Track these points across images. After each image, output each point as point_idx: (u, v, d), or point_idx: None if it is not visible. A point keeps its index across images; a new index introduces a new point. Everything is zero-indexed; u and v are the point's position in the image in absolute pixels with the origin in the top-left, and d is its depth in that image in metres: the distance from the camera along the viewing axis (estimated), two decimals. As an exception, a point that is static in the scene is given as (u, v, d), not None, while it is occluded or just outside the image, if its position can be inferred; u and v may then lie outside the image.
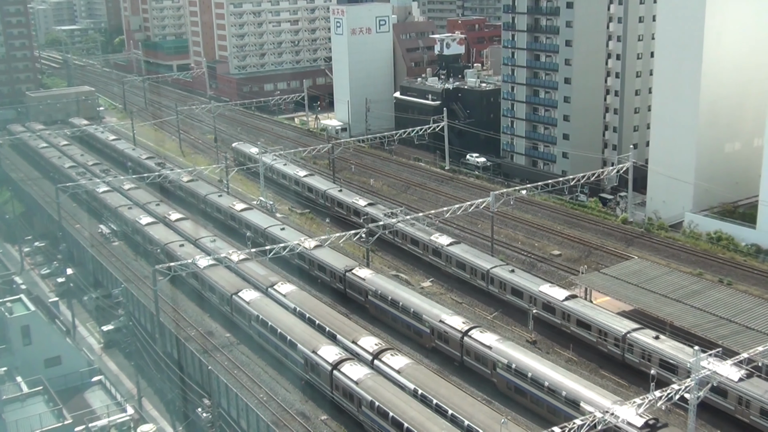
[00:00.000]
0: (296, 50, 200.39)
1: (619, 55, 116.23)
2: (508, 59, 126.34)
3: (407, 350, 68.77)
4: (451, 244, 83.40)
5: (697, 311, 66.99)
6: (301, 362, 64.08)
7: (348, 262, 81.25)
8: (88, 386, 68.30)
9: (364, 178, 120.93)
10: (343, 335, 66.38)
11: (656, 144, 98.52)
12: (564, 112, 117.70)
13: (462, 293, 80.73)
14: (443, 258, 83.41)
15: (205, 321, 77.69)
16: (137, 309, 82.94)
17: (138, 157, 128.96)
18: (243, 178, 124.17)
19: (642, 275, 74.66)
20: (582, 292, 75.24)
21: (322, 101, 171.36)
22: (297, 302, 72.94)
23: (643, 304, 68.98)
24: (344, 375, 59.26)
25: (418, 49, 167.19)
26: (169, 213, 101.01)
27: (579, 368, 64.79)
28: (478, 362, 63.62)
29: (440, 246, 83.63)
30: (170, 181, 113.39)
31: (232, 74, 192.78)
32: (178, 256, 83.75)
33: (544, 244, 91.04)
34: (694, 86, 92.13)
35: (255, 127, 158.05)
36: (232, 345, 72.54)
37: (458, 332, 65.42)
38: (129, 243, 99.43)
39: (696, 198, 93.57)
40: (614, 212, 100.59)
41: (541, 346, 69.23)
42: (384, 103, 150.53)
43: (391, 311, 72.90)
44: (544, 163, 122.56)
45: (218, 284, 77.39)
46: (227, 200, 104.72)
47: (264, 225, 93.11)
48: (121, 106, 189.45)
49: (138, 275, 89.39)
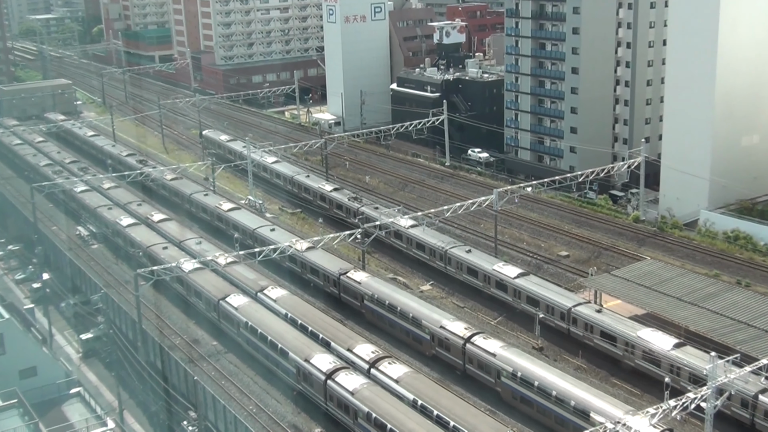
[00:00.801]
0: (286, 40, 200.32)
1: (629, 43, 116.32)
2: (511, 48, 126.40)
3: (406, 358, 68.74)
4: (411, 227, 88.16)
5: (713, 315, 67.08)
6: (293, 371, 64.04)
7: (342, 265, 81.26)
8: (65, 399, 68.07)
9: (359, 175, 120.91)
10: (337, 343, 66.36)
11: (669, 137, 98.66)
12: (571, 104, 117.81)
13: (464, 297, 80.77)
14: (404, 240, 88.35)
15: (191, 328, 77.56)
16: (118, 316, 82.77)
17: (118, 154, 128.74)
18: (230, 175, 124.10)
19: (655, 277, 74.75)
20: (591, 295, 75.32)
21: (313, 94, 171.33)
22: (288, 308, 72.90)
23: (656, 308, 69.09)
24: (339, 385, 59.23)
25: (416, 38, 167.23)
26: (152, 213, 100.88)
27: (589, 376, 64.85)
28: (481, 370, 63.63)
29: (402, 228, 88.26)
30: (153, 180, 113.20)
31: (218, 65, 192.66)
32: (162, 259, 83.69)
33: (551, 244, 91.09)
34: (709, 76, 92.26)
35: (243, 122, 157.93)
36: (220, 354, 72.44)
37: (460, 339, 65.43)
38: (109, 246, 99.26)
39: (712, 195, 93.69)
40: (625, 210, 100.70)
41: (548, 353, 69.27)
42: (380, 95, 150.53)
43: (388, 317, 72.89)
44: (550, 158, 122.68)
45: (204, 289, 77.32)
46: (213, 199, 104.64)
47: (253, 226, 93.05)
48: (99, 100, 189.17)
49: (119, 280, 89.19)
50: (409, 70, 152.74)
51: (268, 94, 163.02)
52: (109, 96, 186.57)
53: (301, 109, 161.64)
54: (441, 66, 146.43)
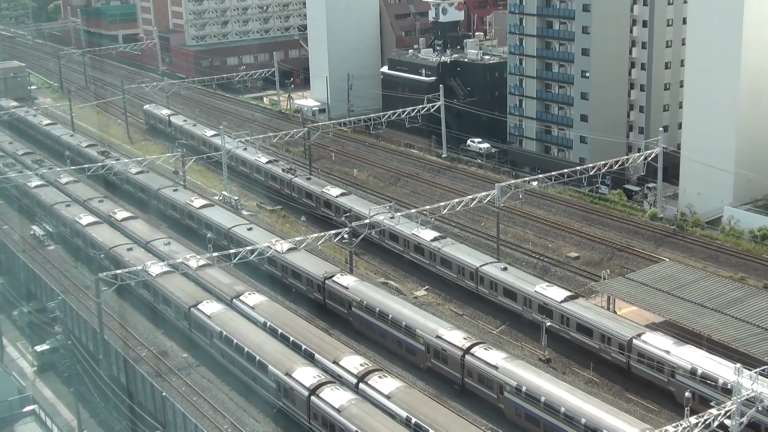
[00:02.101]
0: (265, 17, 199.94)
1: (645, 21, 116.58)
2: (515, 27, 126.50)
3: (398, 371, 68.77)
4: (340, 195, 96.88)
5: (738, 322, 67.28)
6: (273, 387, 63.99)
7: (328, 268, 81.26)
8: (18, 417, 67.91)
9: (346, 168, 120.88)
10: (322, 354, 66.36)
11: (690, 126, 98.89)
12: (582, 89, 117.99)
13: (463, 303, 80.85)
14: (333, 209, 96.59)
15: (159, 339, 77.43)
16: (77, 325, 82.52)
17: (77, 144, 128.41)
18: (202, 168, 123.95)
19: (674, 281, 74.95)
20: (604, 300, 75.44)
21: (295, 78, 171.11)
22: (267, 316, 72.84)
23: (676, 315, 69.27)
24: (324, 401, 59.18)
25: (409, 16, 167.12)
26: (115, 211, 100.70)
27: (601, 391, 65.00)
28: (482, 385, 63.68)
29: (331, 198, 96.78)
30: (116, 174, 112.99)
31: (189, 46, 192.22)
32: (126, 262, 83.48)
33: (559, 244, 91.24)
34: (734, 58, 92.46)
35: (217, 108, 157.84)
36: (191, 367, 72.33)
37: (459, 350, 65.47)
38: (67, 247, 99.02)
39: (737, 189, 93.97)
40: (641, 207, 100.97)
41: (556, 365, 69.39)
42: (369, 79, 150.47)
43: (379, 325, 72.90)
44: (558, 149, 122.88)
45: (174, 295, 77.17)
46: (184, 195, 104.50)
47: (228, 224, 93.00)
48: (56, 85, 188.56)
49: (78, 285, 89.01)
50: (402, 52, 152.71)
51: (244, 77, 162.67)
52: (67, 80, 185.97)
53: (282, 94, 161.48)
54: (437, 47, 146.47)
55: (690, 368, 60.98)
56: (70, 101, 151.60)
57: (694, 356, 62.03)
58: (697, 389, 60.03)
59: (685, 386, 60.38)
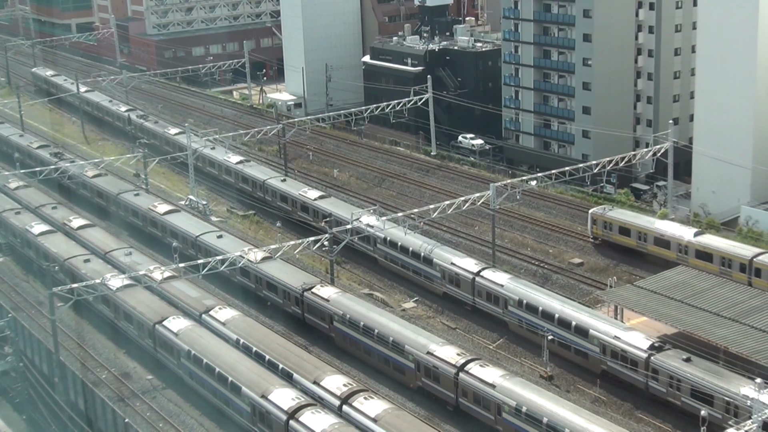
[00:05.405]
0: (233, 3, 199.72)
1: (652, 4, 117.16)
2: (509, 11, 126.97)
3: (385, 392, 68.88)
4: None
5: (758, 333, 67.49)
6: (248, 410, 63.93)
7: (306, 279, 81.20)
8: (-35, 448, 67.55)
9: (325, 168, 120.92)
10: (301, 374, 66.33)
11: (702, 118, 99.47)
12: (583, 79, 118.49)
13: (456, 316, 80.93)
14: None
15: (120, 359, 77.23)
16: (30, 345, 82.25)
17: (27, 145, 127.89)
18: (166, 170, 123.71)
19: (687, 288, 75.15)
20: (611, 311, 75.69)
21: (268, 69, 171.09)
22: (241, 332, 72.76)
23: (690, 326, 69.44)
24: (304, 426, 59.13)
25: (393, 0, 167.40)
26: (70, 219, 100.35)
27: (609, 410, 65.24)
28: (478, 405, 63.79)
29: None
30: (71, 177, 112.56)
31: (150, 35, 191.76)
32: (83, 275, 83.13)
33: (561, 250, 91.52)
34: (750, 43, 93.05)
35: (181, 104, 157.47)
36: (156, 390, 72.18)
37: (452, 367, 65.55)
38: (17, 259, 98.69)
39: (755, 187, 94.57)
40: (651, 207, 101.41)
41: (559, 382, 69.60)
42: (350, 69, 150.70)
43: (363, 341, 72.92)
44: (558, 145, 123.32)
45: (136, 311, 76.97)
46: (146, 200, 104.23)
47: (195, 232, 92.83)
48: (3, 80, 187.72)
49: (30, 301, 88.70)
50: (385, 39, 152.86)
51: (212, 69, 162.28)
52: (14, 74, 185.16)
53: (254, 87, 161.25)
54: (424, 33, 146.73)
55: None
56: (18, 98, 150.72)
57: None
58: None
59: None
